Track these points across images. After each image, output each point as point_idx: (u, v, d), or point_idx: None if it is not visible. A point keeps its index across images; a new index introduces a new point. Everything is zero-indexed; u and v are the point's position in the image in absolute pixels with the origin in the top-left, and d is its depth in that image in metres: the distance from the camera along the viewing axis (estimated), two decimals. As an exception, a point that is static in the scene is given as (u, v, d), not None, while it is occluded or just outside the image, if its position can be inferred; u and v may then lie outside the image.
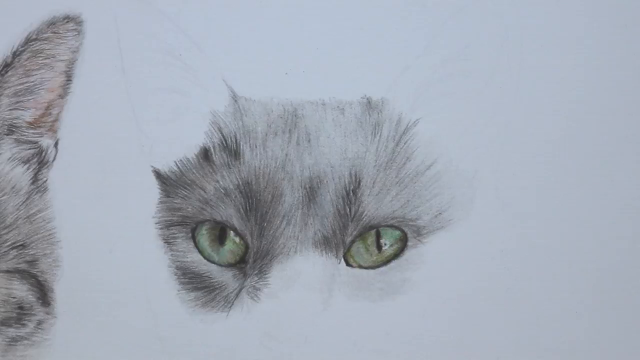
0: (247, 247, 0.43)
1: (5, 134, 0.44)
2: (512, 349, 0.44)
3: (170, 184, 0.44)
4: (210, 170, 0.43)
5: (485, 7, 0.44)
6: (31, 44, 0.44)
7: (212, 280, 0.43)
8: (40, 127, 0.44)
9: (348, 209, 0.43)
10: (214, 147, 0.44)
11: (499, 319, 0.44)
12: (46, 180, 0.44)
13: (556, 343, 0.44)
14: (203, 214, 0.43)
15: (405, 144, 0.44)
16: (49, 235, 0.43)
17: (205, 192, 0.43)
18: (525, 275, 0.44)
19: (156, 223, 0.44)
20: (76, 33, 0.44)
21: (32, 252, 0.43)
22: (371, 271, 0.43)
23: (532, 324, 0.44)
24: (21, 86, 0.44)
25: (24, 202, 0.44)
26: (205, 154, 0.44)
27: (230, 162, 0.43)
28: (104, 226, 0.44)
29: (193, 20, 0.44)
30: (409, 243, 0.43)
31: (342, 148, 0.44)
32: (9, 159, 0.44)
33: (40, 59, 0.44)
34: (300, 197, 0.43)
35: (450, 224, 0.44)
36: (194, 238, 0.43)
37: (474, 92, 0.43)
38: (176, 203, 0.44)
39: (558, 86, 0.44)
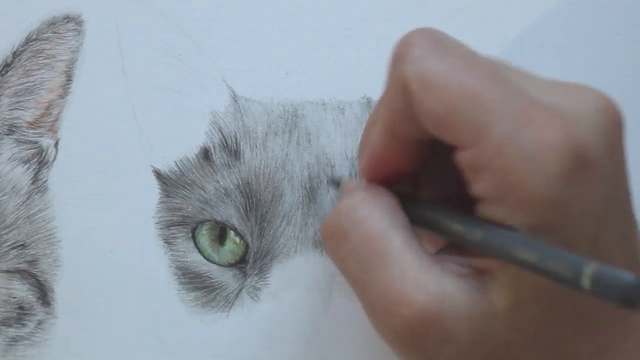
0: (247, 247, 0.43)
1: (5, 134, 0.44)
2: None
3: (170, 184, 0.44)
4: (211, 170, 0.43)
5: (485, 7, 0.44)
6: (31, 44, 0.44)
7: (212, 280, 0.43)
8: (40, 127, 0.44)
9: (348, 209, 0.43)
10: (214, 147, 0.44)
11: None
12: (46, 180, 0.44)
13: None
14: (203, 214, 0.43)
15: (405, 144, 0.43)
16: (49, 235, 0.43)
17: (205, 192, 0.43)
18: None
19: (156, 223, 0.44)
20: (76, 33, 0.44)
21: (32, 252, 0.43)
22: (371, 271, 0.43)
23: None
24: (21, 86, 0.44)
25: (24, 202, 0.44)
26: (205, 154, 0.44)
27: (230, 162, 0.43)
28: (104, 226, 0.44)
29: (193, 20, 0.44)
30: (409, 243, 0.43)
31: (342, 148, 0.44)
32: (9, 159, 0.44)
33: (41, 59, 0.44)
34: (301, 197, 0.43)
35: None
36: (194, 238, 0.43)
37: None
38: (176, 203, 0.44)
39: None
